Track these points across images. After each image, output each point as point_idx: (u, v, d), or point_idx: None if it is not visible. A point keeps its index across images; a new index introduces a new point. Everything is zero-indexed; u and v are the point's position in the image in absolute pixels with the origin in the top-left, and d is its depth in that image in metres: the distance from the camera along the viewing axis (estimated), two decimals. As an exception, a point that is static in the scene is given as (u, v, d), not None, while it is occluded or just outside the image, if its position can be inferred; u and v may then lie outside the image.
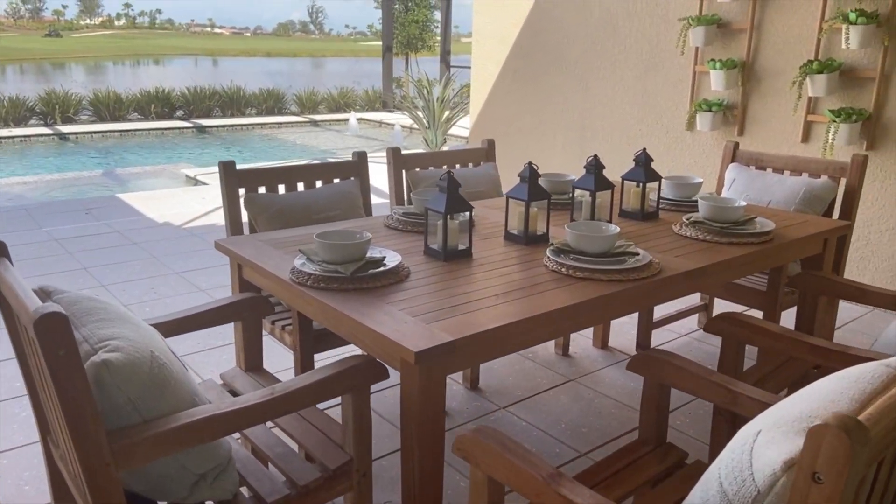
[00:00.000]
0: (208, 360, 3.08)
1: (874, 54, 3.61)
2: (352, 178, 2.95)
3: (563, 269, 1.85)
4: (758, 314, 3.18)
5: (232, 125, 12.18)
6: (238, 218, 2.61)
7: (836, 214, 3.07)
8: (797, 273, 2.31)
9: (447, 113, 7.29)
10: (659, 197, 2.51)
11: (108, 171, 8.75)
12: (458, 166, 3.40)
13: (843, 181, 3.01)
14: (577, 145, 5.37)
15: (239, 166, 2.64)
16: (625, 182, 2.50)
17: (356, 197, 2.85)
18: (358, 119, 13.01)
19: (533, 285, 1.76)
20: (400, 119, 13.30)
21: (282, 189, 2.77)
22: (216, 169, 7.86)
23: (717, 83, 4.21)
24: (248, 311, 1.97)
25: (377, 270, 1.77)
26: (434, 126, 7.23)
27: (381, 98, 14.92)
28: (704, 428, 2.55)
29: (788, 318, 2.94)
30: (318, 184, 2.88)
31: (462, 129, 8.74)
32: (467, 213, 1.98)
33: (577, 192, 2.36)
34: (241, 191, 2.64)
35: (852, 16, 3.50)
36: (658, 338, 3.36)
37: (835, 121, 3.66)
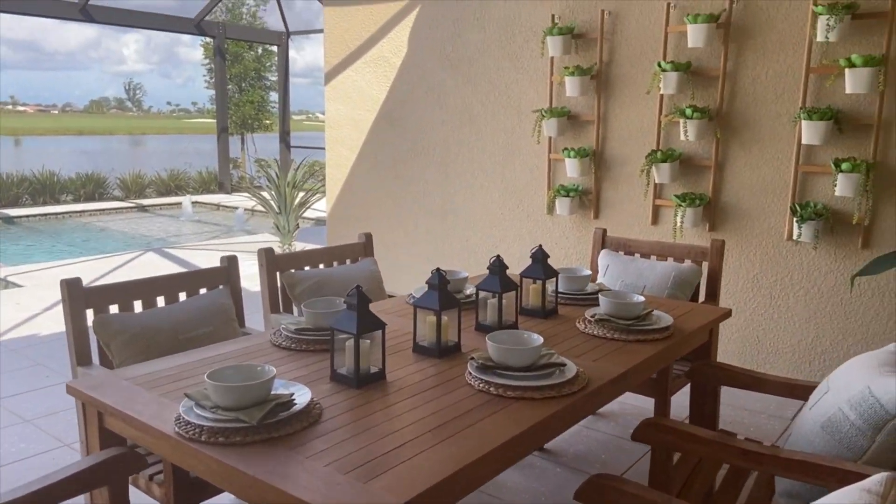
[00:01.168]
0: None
1: (708, 145, 3.98)
2: (220, 287, 2.63)
3: (490, 389, 1.70)
4: (647, 401, 3.23)
5: (45, 214, 10.93)
6: (86, 347, 2.20)
7: (701, 296, 3.25)
8: (695, 364, 2.35)
9: (300, 196, 7.04)
10: (557, 292, 2.48)
11: None
12: (335, 263, 3.19)
13: (704, 264, 3.21)
14: (441, 230, 5.37)
15: (86, 282, 2.24)
16: (523, 279, 2.45)
17: (228, 308, 2.53)
18: (193, 202, 12.28)
19: (465, 412, 1.59)
20: (241, 201, 12.75)
21: (138, 306, 2.40)
22: (32, 267, 6.92)
23: (571, 170, 4.42)
24: (117, 472, 1.59)
25: (288, 413, 1.51)
26: (286, 211, 6.93)
27: (217, 179, 14.27)
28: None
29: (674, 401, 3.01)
30: (182, 296, 2.53)
31: (317, 211, 8.49)
32: (379, 332, 1.79)
33: (482, 293, 2.26)
34: (90, 311, 2.24)
35: (688, 111, 3.85)
36: (549, 429, 3.29)
37: (681, 205, 3.95)
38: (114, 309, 2.30)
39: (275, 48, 16.83)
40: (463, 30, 5.02)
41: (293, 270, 2.97)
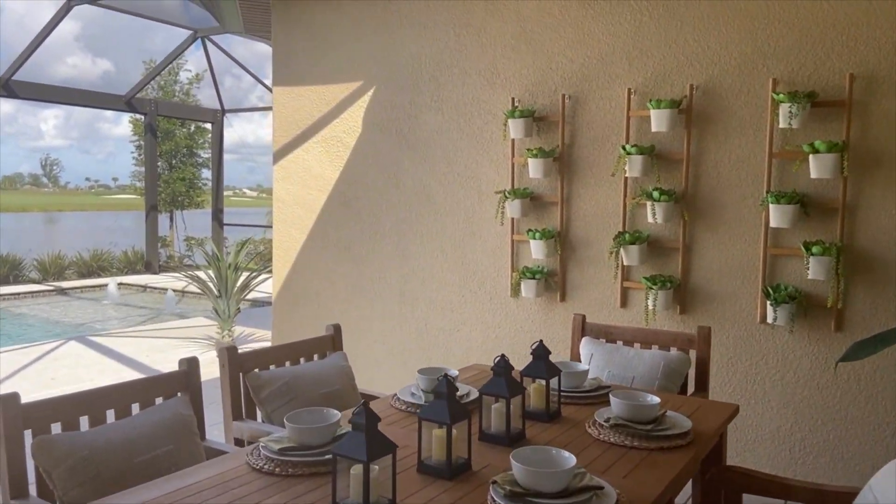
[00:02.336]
0: None
1: (675, 227, 3.97)
2: (178, 395, 2.32)
3: (524, 522, 1.47)
4: None
5: (-49, 298, 10.04)
6: (23, 475, 1.83)
7: (690, 387, 3.13)
8: (713, 469, 2.18)
9: (243, 277, 6.67)
10: (560, 391, 2.29)
11: None
12: (302, 360, 2.91)
13: (692, 352, 3.10)
14: (397, 313, 5.13)
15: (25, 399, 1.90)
16: (523, 378, 2.25)
17: (189, 421, 2.21)
18: (118, 284, 11.57)
19: (505, 556, 1.35)
20: (169, 282, 12.13)
21: (85, 424, 2.05)
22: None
23: (536, 252, 4.32)
24: None
25: (299, 573, 1.23)
26: (226, 295, 6.54)
27: (144, 259, 13.59)
28: None
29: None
30: (135, 408, 2.20)
31: (257, 291, 8.08)
32: (390, 455, 1.54)
33: (485, 397, 2.04)
34: (28, 433, 1.89)
35: (655, 194, 3.84)
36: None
37: (652, 287, 3.88)
38: (56, 428, 1.96)
39: (208, 125, 16.56)
40: (419, 111, 4.97)
41: (257, 370, 2.68)
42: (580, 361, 3.20)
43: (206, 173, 17.07)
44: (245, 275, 6.66)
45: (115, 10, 10.87)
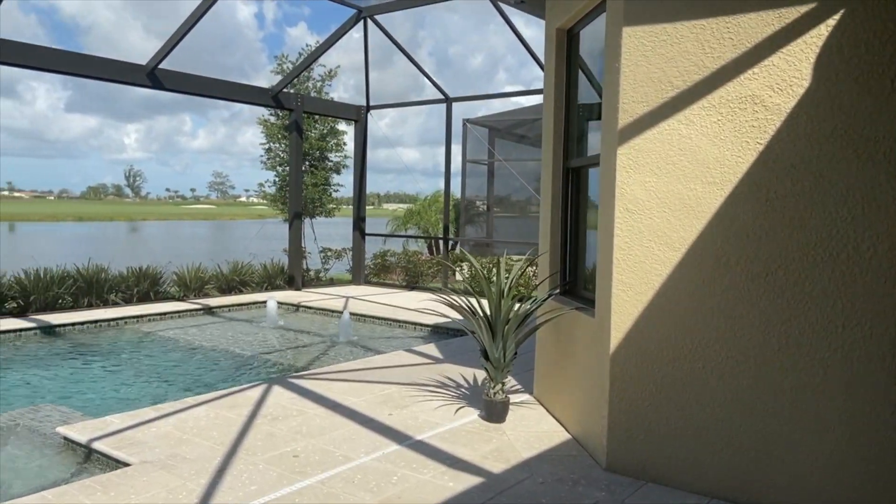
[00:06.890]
0: None
1: None
2: None
3: None
4: None
5: (94, 321, 8.56)
6: None
7: None
8: None
9: (521, 310, 4.75)
10: None
11: None
12: None
13: None
14: (882, 384, 3.08)
15: None
16: None
17: None
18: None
19: None
20: (320, 300, 10.47)
21: None
22: (114, 424, 4.41)
23: None
24: None
25: None
26: (501, 335, 4.64)
27: (285, 273, 12.04)
28: None
29: None
30: None
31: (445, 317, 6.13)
32: None
33: None
34: None
35: None
36: None
37: None
38: None
39: (340, 126, 14.99)
40: (950, 44, 2.92)
41: None
42: None
43: (337, 178, 15.52)
44: (522, 307, 4.75)
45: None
